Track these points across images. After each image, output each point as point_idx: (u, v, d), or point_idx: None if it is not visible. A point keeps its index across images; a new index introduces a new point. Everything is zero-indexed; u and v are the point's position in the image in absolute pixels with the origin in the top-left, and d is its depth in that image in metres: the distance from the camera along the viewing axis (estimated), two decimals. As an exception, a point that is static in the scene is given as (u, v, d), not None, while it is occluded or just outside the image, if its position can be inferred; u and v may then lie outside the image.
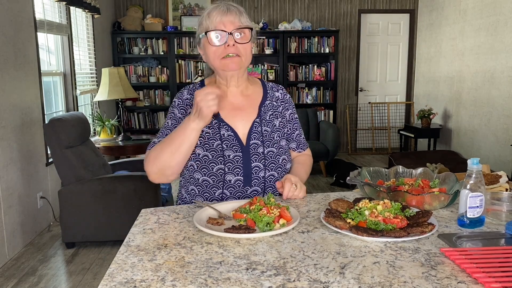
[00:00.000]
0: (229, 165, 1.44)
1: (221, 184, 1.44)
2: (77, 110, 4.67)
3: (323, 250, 1.02)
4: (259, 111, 1.52)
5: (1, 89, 3.20)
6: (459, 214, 1.17)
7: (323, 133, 5.74)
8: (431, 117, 6.05)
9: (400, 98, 7.27)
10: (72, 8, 4.56)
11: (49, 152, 3.58)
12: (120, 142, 4.44)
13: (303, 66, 6.62)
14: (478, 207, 1.14)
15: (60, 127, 3.21)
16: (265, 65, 6.57)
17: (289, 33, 6.45)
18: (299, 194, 1.41)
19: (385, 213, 1.13)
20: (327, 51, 6.55)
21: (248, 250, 1.03)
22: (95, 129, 4.88)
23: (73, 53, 4.59)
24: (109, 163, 3.82)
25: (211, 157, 1.44)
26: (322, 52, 6.56)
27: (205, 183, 1.45)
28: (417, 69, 7.07)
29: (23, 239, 3.45)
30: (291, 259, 0.98)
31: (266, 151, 1.47)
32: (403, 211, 1.18)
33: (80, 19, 4.96)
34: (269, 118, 1.53)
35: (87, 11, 4.86)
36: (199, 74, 6.29)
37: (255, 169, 1.45)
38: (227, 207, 1.30)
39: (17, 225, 3.36)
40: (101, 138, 4.56)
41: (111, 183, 3.27)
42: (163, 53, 6.36)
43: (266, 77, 6.44)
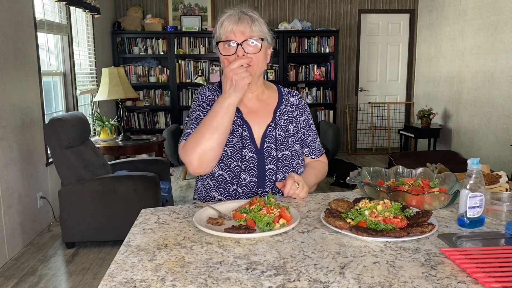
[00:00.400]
0: (245, 164, 1.46)
1: (236, 181, 1.46)
2: (77, 110, 4.67)
3: (323, 250, 1.02)
4: (274, 116, 1.54)
5: (1, 89, 3.20)
6: (459, 214, 1.17)
7: (323, 133, 5.74)
8: (431, 117, 6.05)
9: (400, 98, 7.26)
10: (72, 8, 4.56)
11: (49, 152, 3.58)
12: (120, 142, 4.44)
13: (303, 66, 6.62)
14: (478, 207, 1.14)
15: (60, 127, 3.21)
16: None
17: (289, 33, 6.45)
18: (300, 193, 1.41)
19: (385, 213, 1.13)
20: (327, 51, 6.54)
21: (248, 250, 1.03)
22: (95, 129, 4.88)
23: (73, 53, 4.59)
24: (109, 163, 3.82)
25: (229, 152, 1.46)
26: (322, 52, 6.56)
27: (221, 178, 1.47)
28: (417, 69, 7.07)
29: (23, 239, 3.45)
30: (291, 259, 0.98)
31: (280, 154, 1.50)
32: (403, 211, 1.18)
33: (80, 19, 4.96)
34: (284, 122, 1.55)
35: (87, 11, 4.86)
36: (199, 74, 6.27)
37: (269, 172, 1.48)
38: (227, 207, 1.30)
39: (17, 225, 3.36)
40: (101, 138, 4.56)
41: (111, 183, 3.27)
42: (163, 53, 6.35)
43: (266, 77, 6.44)
